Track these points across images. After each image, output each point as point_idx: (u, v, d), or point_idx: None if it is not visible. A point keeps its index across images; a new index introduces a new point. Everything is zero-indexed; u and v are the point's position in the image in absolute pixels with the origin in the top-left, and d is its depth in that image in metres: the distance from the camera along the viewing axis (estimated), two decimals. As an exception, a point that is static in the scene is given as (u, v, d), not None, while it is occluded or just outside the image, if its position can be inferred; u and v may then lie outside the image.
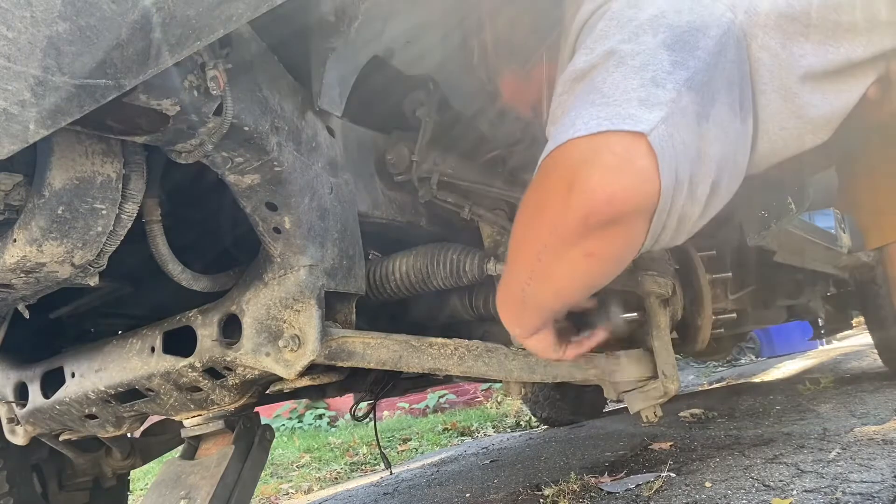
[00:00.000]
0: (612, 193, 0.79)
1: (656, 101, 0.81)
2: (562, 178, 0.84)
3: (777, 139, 0.97)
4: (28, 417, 1.44)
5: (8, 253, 0.86)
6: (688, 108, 0.83)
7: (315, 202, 1.11)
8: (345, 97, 1.21)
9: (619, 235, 0.86)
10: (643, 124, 0.79)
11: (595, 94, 0.85)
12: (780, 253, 2.28)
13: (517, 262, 1.00)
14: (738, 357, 7.57)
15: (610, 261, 0.92)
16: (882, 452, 1.72)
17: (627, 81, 0.84)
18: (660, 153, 0.79)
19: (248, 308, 1.15)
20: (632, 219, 0.84)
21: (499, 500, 2.06)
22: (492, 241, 1.44)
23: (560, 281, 0.95)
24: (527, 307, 1.05)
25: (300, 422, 6.98)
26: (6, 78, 0.61)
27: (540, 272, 0.94)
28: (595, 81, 0.87)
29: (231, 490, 1.29)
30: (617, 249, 0.89)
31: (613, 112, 0.81)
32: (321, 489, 3.46)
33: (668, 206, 0.83)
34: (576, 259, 0.88)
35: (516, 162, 1.52)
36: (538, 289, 0.98)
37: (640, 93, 0.82)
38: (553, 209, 0.86)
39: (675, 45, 0.86)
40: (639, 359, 1.37)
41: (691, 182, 0.84)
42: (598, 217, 0.81)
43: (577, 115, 0.84)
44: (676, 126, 0.81)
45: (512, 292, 1.05)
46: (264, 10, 0.76)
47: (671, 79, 0.83)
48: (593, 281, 0.99)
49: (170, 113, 0.83)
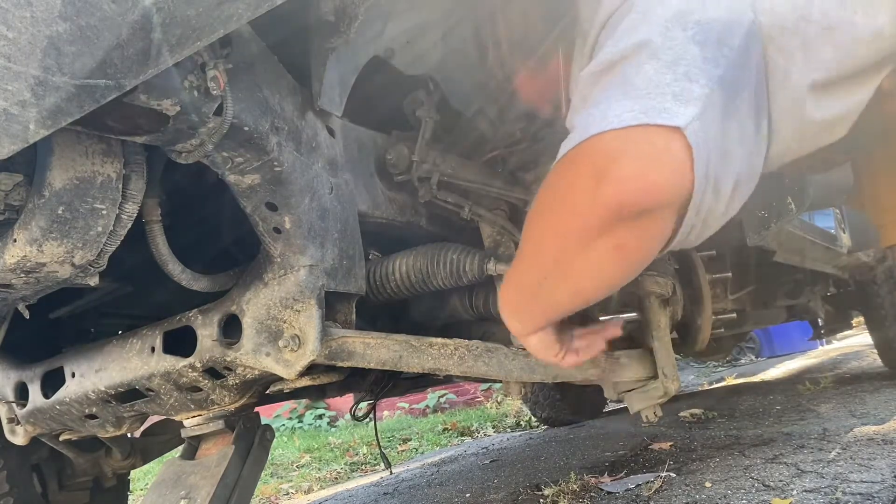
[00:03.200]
0: (649, 183, 0.79)
1: (691, 97, 0.81)
2: (593, 169, 0.83)
3: (791, 141, 0.96)
4: (28, 417, 1.44)
5: (8, 253, 0.86)
6: (717, 105, 0.83)
7: (315, 202, 1.11)
8: (345, 97, 1.21)
9: (650, 228, 0.85)
10: (679, 119, 0.79)
11: (627, 87, 0.85)
12: (780, 253, 2.28)
13: (534, 256, 0.96)
14: (738, 357, 7.58)
15: (638, 254, 0.90)
16: (882, 452, 1.72)
17: (661, 76, 0.84)
18: (695, 148, 0.79)
19: (248, 308, 1.15)
20: (664, 212, 0.83)
21: (499, 500, 2.06)
22: (492, 241, 1.44)
23: (582, 277, 0.92)
24: (537, 304, 1.02)
25: (300, 422, 6.98)
26: (6, 78, 0.61)
27: (561, 267, 0.91)
28: (626, 74, 0.87)
29: (231, 490, 1.29)
30: (646, 243, 0.88)
31: (648, 105, 0.81)
32: (321, 489, 3.46)
33: (699, 203, 0.83)
34: (603, 251, 0.86)
35: (516, 162, 1.52)
36: (556, 286, 0.95)
37: (675, 87, 0.82)
38: (583, 199, 0.84)
39: (706, 42, 0.86)
40: (639, 359, 1.37)
41: (717, 179, 0.84)
42: (633, 207, 0.80)
43: (608, 108, 0.83)
44: (708, 122, 0.81)
45: (522, 287, 1.01)
46: (264, 10, 0.76)
47: (704, 75, 0.83)
48: (616, 278, 0.96)
49: (170, 113, 0.83)
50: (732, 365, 7.25)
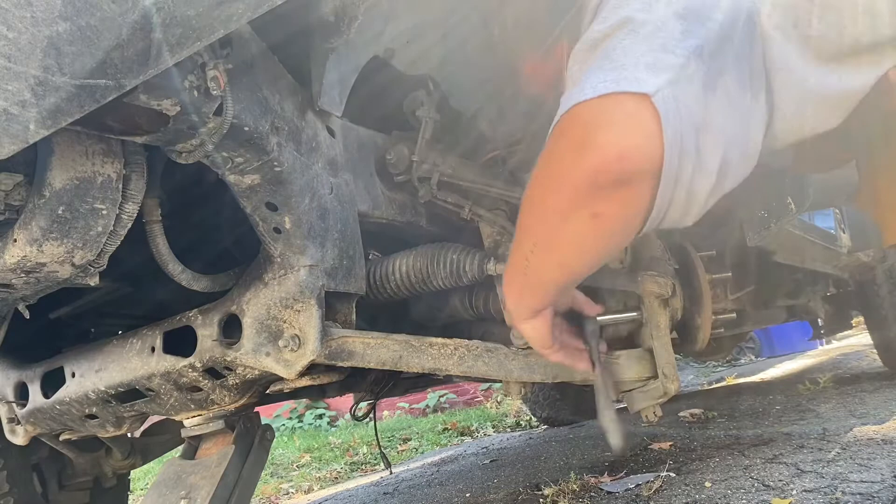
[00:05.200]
0: (621, 150, 0.80)
1: (663, 66, 0.82)
2: (571, 140, 0.85)
3: (793, 118, 0.96)
4: (28, 417, 1.44)
5: (8, 253, 0.86)
6: (695, 76, 0.84)
7: (315, 202, 1.11)
8: (345, 97, 1.21)
9: (627, 197, 0.86)
10: (647, 86, 0.80)
11: (605, 61, 0.86)
12: (780, 253, 2.28)
13: (521, 230, 0.99)
14: (738, 357, 7.57)
15: (616, 224, 0.91)
16: (882, 452, 1.72)
17: (636, 47, 0.85)
18: (663, 114, 0.80)
19: (248, 308, 1.15)
20: (639, 180, 0.84)
21: (499, 499, 2.06)
22: (492, 241, 1.44)
23: (564, 248, 0.95)
24: (528, 281, 1.04)
25: (300, 422, 6.98)
26: (6, 78, 0.61)
27: (544, 239, 0.94)
28: (606, 49, 0.88)
29: (231, 490, 1.29)
30: (624, 212, 0.89)
31: (620, 76, 0.82)
32: (321, 489, 3.46)
33: (676, 173, 0.83)
34: (582, 221, 0.88)
35: (516, 162, 1.52)
36: (541, 259, 0.97)
37: (648, 58, 0.83)
38: (562, 170, 0.86)
39: (688, 15, 0.87)
40: (639, 359, 1.37)
41: (699, 151, 0.84)
42: (607, 175, 0.82)
43: (585, 81, 0.85)
44: (683, 91, 0.82)
45: (515, 264, 1.04)
46: (264, 10, 0.76)
47: (680, 46, 0.84)
48: (597, 249, 0.98)
49: (170, 113, 0.83)
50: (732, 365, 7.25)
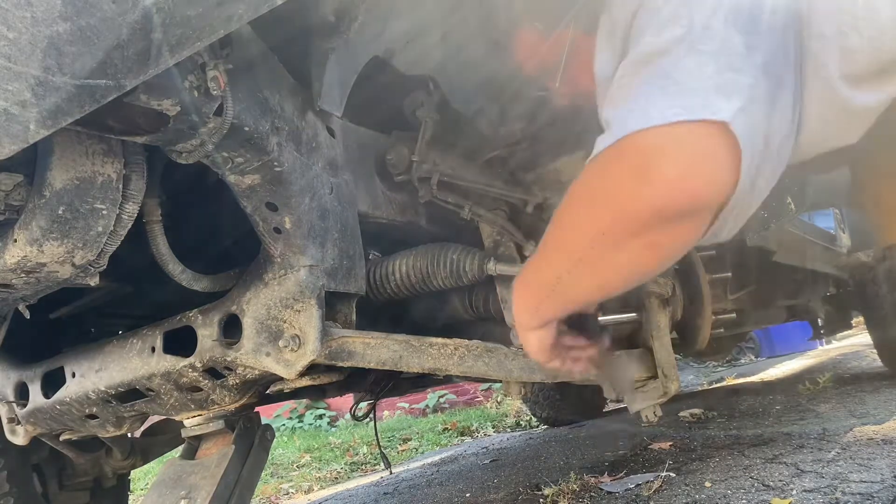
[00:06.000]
0: (695, 186, 0.77)
1: (735, 88, 0.78)
2: (633, 167, 0.80)
3: (816, 132, 0.94)
4: (28, 417, 1.44)
5: (8, 253, 0.86)
6: (763, 94, 0.81)
7: (315, 202, 1.11)
8: (345, 97, 1.21)
9: (689, 228, 0.83)
10: (724, 114, 0.76)
11: (666, 81, 0.81)
12: (780, 253, 2.29)
13: (560, 249, 0.94)
14: (738, 357, 7.57)
15: (670, 253, 0.89)
16: (881, 452, 1.72)
17: (702, 68, 0.80)
18: (743, 143, 0.76)
19: (248, 308, 1.15)
20: (707, 212, 0.81)
21: (499, 499, 2.06)
22: (492, 241, 1.44)
23: (608, 272, 0.91)
24: (553, 296, 1.00)
25: (300, 422, 6.98)
26: (7, 78, 0.61)
27: (588, 261, 0.90)
28: (664, 67, 0.83)
29: (231, 490, 1.29)
30: (681, 242, 0.86)
31: (690, 102, 0.78)
32: (321, 489, 3.46)
33: (742, 200, 0.81)
34: (635, 250, 0.84)
35: (516, 162, 1.52)
36: (579, 278, 0.93)
37: (717, 80, 0.79)
38: (621, 197, 0.82)
39: (747, 28, 0.83)
40: (639, 359, 1.37)
41: (758, 171, 0.82)
42: (675, 210, 0.78)
43: (648, 103, 0.80)
44: (754, 113, 0.79)
45: (542, 278, 1.00)
46: (264, 11, 0.76)
47: (747, 63, 0.80)
48: (646, 274, 0.95)
49: (170, 113, 0.83)
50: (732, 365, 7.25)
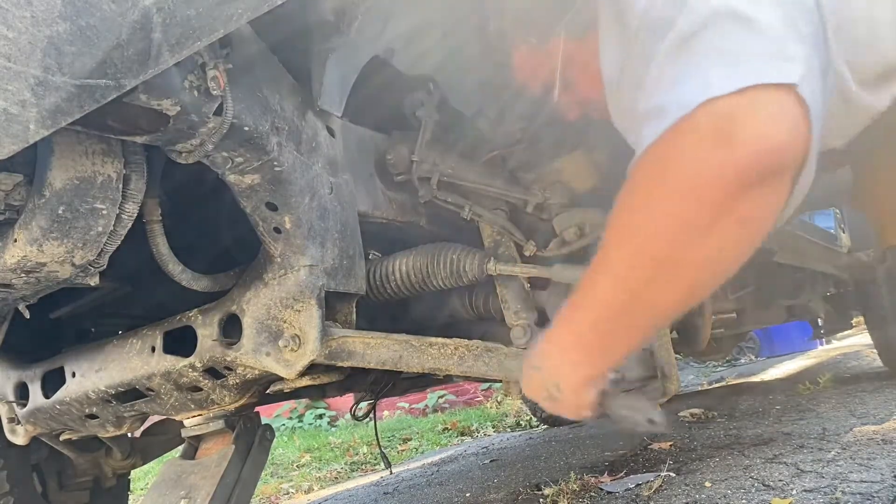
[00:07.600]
0: (776, 143, 0.74)
1: (794, 56, 0.77)
2: (711, 137, 0.75)
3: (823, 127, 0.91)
4: (28, 417, 1.44)
5: (9, 253, 0.86)
6: (816, 67, 0.79)
7: (315, 202, 1.11)
8: (345, 97, 1.21)
9: (772, 194, 0.78)
10: (791, 76, 0.74)
11: (722, 53, 0.78)
12: (780, 253, 2.28)
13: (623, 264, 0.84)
14: (738, 357, 7.57)
15: (762, 227, 0.81)
16: (882, 452, 1.72)
17: (755, 39, 0.78)
18: (810, 104, 0.75)
19: (248, 308, 1.15)
20: (787, 175, 0.78)
21: (499, 499, 2.06)
22: (492, 241, 1.44)
23: (702, 268, 0.82)
24: (617, 329, 0.87)
25: (300, 421, 6.98)
26: (6, 78, 0.61)
27: (671, 263, 0.80)
28: (710, 43, 0.79)
29: (231, 490, 1.29)
30: (769, 212, 0.80)
31: (752, 67, 0.75)
32: (321, 489, 3.46)
33: (812, 164, 0.78)
34: (729, 229, 0.77)
35: (516, 162, 1.52)
36: (662, 289, 0.83)
37: (772, 48, 0.77)
38: (701, 172, 0.76)
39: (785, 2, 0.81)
40: (638, 359, 1.37)
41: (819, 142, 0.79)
42: (760, 170, 0.74)
43: (707, 76, 0.77)
44: (812, 82, 0.77)
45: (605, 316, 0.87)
46: (264, 11, 0.76)
47: (795, 35, 0.79)
48: (735, 260, 0.84)
49: (170, 113, 0.83)
50: (732, 365, 7.25)
